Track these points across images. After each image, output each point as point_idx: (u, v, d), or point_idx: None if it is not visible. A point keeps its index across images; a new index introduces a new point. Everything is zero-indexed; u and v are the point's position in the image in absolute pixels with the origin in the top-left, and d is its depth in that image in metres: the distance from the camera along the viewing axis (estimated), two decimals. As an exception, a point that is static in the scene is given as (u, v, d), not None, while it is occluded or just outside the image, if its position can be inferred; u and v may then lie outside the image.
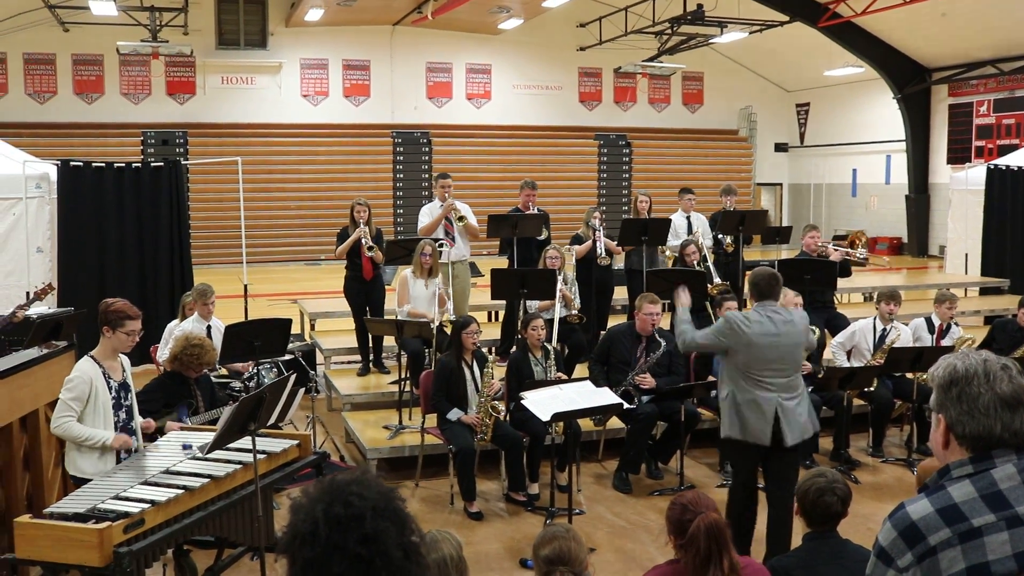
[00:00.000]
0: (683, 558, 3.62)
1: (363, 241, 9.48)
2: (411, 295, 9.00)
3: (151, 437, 5.71)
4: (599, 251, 9.93)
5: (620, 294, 11.15)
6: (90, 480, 4.94)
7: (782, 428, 5.73)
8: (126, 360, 5.47)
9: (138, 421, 5.52)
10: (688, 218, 10.95)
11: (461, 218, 9.91)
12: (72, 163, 11.05)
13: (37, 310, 8.73)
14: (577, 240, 10.20)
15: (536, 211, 10.11)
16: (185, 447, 5.31)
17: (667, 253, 10.82)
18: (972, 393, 2.27)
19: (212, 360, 6.79)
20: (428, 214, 10.12)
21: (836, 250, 10.43)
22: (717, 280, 9.76)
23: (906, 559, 2.23)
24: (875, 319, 8.76)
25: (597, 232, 10.00)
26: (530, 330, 7.70)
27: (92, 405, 5.14)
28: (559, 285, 9.05)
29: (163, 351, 8.15)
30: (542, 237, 10.15)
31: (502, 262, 10.60)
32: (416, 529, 2.03)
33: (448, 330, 8.19)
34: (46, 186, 10.96)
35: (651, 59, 24.35)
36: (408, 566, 1.98)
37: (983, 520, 2.19)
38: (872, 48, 22.44)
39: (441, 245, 9.41)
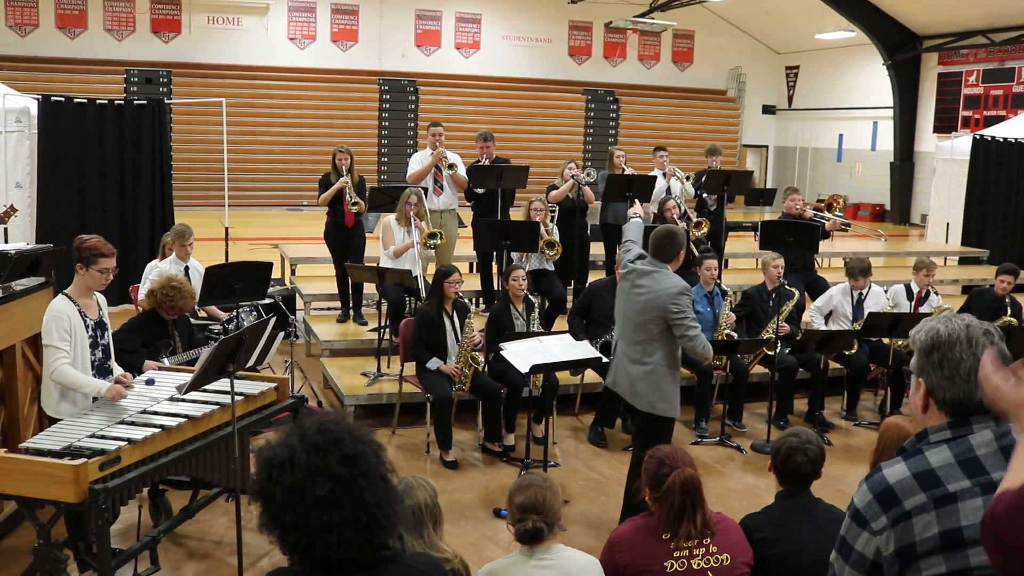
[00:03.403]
0: (657, 512, 3.64)
1: (347, 196, 9.41)
2: (395, 242, 8.96)
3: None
4: (581, 180, 9.93)
5: (596, 249, 11.13)
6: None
7: None
8: (102, 298, 5.39)
9: (114, 362, 5.48)
10: (664, 175, 10.92)
11: (451, 166, 9.83)
12: (53, 98, 10.90)
13: (15, 245, 8.63)
14: (553, 189, 10.18)
15: (486, 163, 10.02)
16: (148, 382, 5.29)
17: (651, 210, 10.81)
18: (954, 359, 2.27)
19: (187, 307, 6.72)
20: (418, 161, 10.04)
21: (816, 214, 10.51)
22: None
23: (881, 522, 2.23)
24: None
25: (574, 178, 9.97)
26: (511, 281, 7.68)
27: (71, 344, 5.05)
28: (542, 229, 9.06)
29: (143, 291, 8.11)
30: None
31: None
32: (388, 461, 2.03)
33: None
34: (26, 120, 10.81)
35: (642, 15, 24.17)
36: (387, 488, 1.98)
37: (958, 486, 2.19)
38: (864, 13, 22.33)
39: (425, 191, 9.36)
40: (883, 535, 2.23)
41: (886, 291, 9.01)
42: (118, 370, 5.42)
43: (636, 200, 6.75)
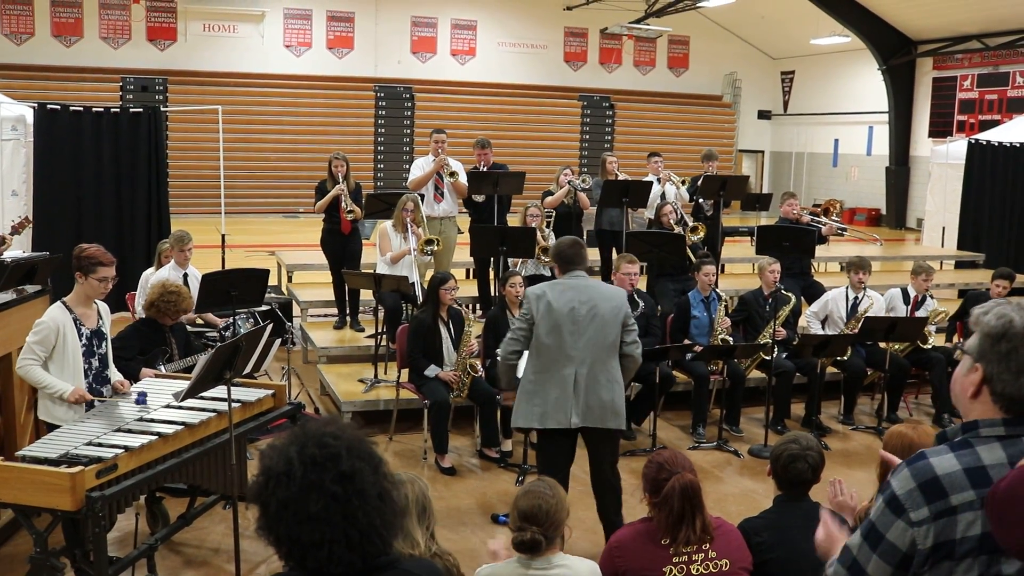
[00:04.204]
0: (656, 516, 3.63)
1: (343, 203, 9.40)
2: (392, 248, 8.96)
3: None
4: (576, 186, 9.97)
5: (592, 255, 11.06)
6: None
7: None
8: (104, 307, 5.40)
9: (113, 369, 5.47)
10: (659, 180, 10.88)
11: (453, 174, 9.81)
12: (49, 106, 10.88)
13: (12, 253, 8.63)
14: (549, 195, 10.21)
15: (483, 169, 10.03)
16: (138, 401, 5.19)
17: (646, 215, 10.83)
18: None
19: (189, 307, 6.75)
20: (420, 168, 10.01)
21: (812, 218, 10.53)
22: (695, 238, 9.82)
23: (921, 513, 2.10)
24: (847, 288, 8.79)
25: (570, 184, 10.02)
26: (508, 287, 7.69)
27: (60, 352, 5.07)
28: (538, 235, 9.08)
29: (139, 299, 8.10)
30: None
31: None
32: (389, 474, 2.02)
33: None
34: (22, 129, 10.79)
35: (638, 21, 24.19)
36: (383, 507, 1.97)
37: None
38: (859, 18, 22.37)
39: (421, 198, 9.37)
40: (922, 528, 2.10)
41: (879, 295, 8.98)
42: (116, 377, 5.42)
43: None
